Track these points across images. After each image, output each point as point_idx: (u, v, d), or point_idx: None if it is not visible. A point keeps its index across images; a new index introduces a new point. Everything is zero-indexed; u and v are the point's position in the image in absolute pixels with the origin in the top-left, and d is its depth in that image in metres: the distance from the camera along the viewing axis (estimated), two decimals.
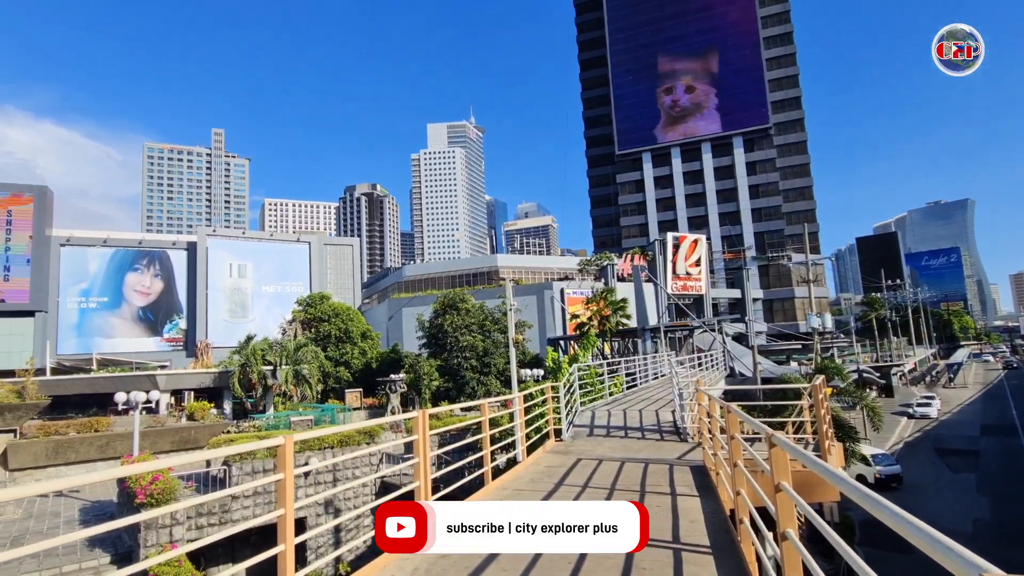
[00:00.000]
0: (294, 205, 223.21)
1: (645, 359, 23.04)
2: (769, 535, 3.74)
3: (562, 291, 54.84)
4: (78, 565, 14.58)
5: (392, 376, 33.81)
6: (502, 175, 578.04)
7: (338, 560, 15.34)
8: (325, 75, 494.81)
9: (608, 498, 6.82)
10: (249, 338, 33.68)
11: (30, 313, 53.84)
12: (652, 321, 39.43)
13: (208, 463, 17.34)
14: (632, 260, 55.33)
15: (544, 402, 11.60)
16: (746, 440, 5.25)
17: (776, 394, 18.00)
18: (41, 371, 33.70)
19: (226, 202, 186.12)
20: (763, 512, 4.05)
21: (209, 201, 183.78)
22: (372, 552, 15.08)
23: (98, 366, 42.12)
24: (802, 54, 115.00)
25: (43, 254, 55.62)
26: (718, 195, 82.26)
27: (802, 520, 8.94)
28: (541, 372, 33.73)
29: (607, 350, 34.74)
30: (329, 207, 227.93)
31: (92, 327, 58.13)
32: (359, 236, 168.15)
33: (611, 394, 17.50)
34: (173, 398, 32.94)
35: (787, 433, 10.62)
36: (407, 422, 24.29)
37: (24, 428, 23.85)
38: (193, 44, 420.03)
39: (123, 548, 15.20)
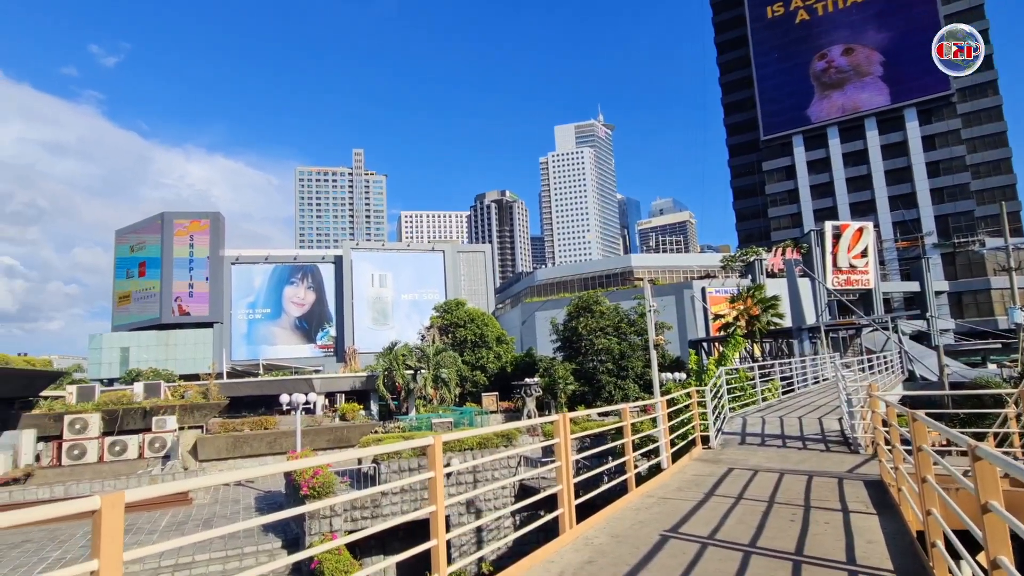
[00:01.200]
0: (428, 216, 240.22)
1: (803, 361, 21.00)
2: (971, 562, 3.33)
3: (703, 290, 52.06)
4: (256, 547, 17.06)
5: (527, 380, 34.75)
6: (633, 172, 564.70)
7: (481, 560, 16.08)
8: (452, 89, 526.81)
9: (767, 512, 6.34)
10: (393, 344, 36.85)
11: (209, 324, 64.49)
12: (809, 320, 35.87)
13: (360, 460, 19.26)
14: (783, 254, 50.99)
15: (689, 407, 11.15)
16: (936, 452, 4.62)
17: (970, 401, 15.41)
18: (220, 375, 40.12)
19: (367, 217, 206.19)
20: (961, 535, 3.59)
21: (352, 217, 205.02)
22: (514, 553, 15.59)
23: (264, 371, 49.07)
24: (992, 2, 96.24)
25: (218, 272, 66.34)
26: (887, 176, 72.32)
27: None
28: (683, 376, 32.24)
29: (757, 352, 32.26)
30: (461, 216, 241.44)
31: (258, 336, 67.92)
32: (490, 242, 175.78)
33: (764, 399, 16.28)
34: (327, 400, 37.17)
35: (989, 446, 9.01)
36: (544, 426, 24.76)
37: (209, 425, 28.63)
38: (332, 74, 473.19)
39: (291, 535, 17.47)
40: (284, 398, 25.79)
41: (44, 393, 28.11)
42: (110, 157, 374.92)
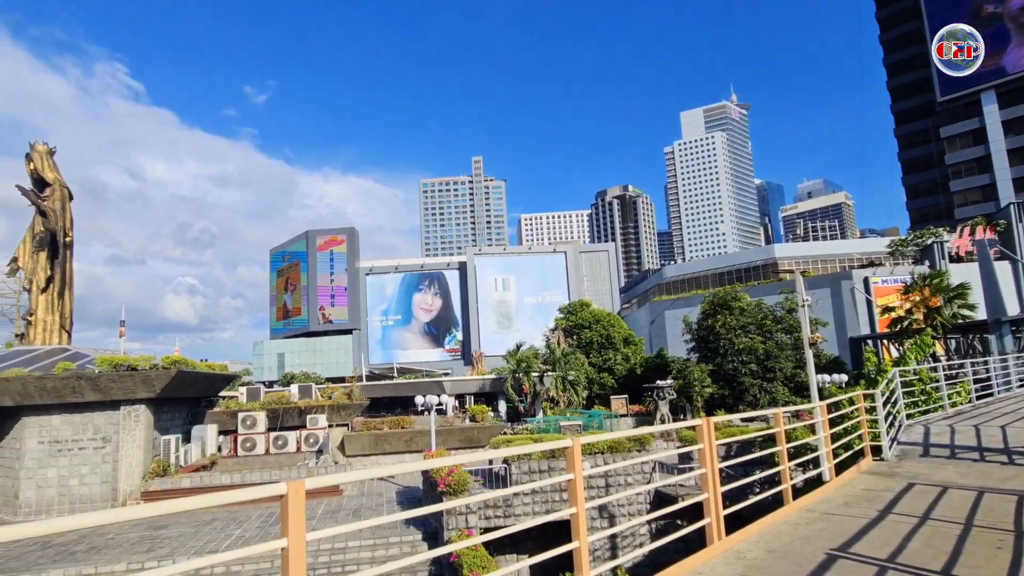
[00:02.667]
0: (548, 217, 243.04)
1: (1004, 360, 17.94)
2: None
3: (866, 280, 46.70)
4: (399, 538, 18.45)
5: (659, 382, 33.68)
6: (774, 154, 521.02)
7: (616, 569, 15.88)
8: (568, 88, 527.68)
9: (963, 536, 5.54)
10: (518, 347, 37.80)
11: (348, 331, 70.86)
12: (1011, 311, 30.55)
13: (491, 460, 20.00)
14: (972, 234, 44.01)
15: (854, 414, 10.11)
16: None
17: None
18: (360, 378, 43.85)
19: (487, 222, 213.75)
20: None
21: (473, 223, 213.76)
22: (651, 563, 15.18)
23: (398, 374, 52.82)
24: None
25: (355, 282, 72.68)
26: None
27: None
28: (844, 378, 29.24)
29: (939, 350, 28.14)
30: (581, 215, 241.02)
31: (391, 341, 73.27)
32: (613, 241, 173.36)
33: (953, 405, 14.18)
34: (457, 401, 39.06)
35: None
36: (680, 430, 23.83)
37: (353, 423, 31.48)
38: (450, 87, 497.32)
39: (430, 528, 18.64)
40: (418, 399, 27.58)
41: (222, 393, 32.87)
42: (263, 184, 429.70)
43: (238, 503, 20.53)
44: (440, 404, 28.68)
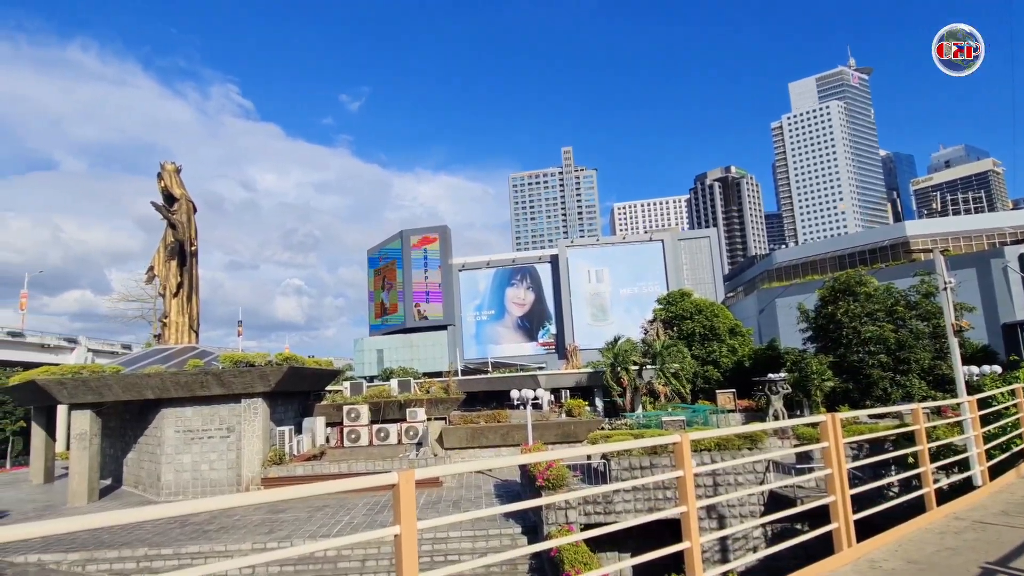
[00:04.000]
0: (643, 205, 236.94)
1: None
2: None
3: (1022, 257, 41.07)
4: (499, 531, 18.82)
5: (771, 375, 31.72)
6: (902, 122, 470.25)
7: (726, 574, 15.20)
8: (659, 67, 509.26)
9: None
10: (615, 339, 37.21)
11: (444, 327, 73.24)
12: None
13: (589, 456, 19.83)
14: None
15: (1013, 409, 8.89)
16: None
17: None
18: (456, 373, 45.15)
19: (579, 213, 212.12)
20: None
21: (564, 215, 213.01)
22: (765, 569, 14.33)
23: (492, 368, 53.85)
24: None
25: (448, 279, 74.95)
26: None
27: None
28: (998, 369, 26.04)
29: None
30: (679, 201, 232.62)
31: (485, 336, 74.86)
32: (715, 226, 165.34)
33: None
34: (552, 395, 39.16)
35: None
36: (798, 428, 22.31)
37: (451, 417, 32.51)
38: (537, 80, 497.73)
39: (530, 522, 18.84)
40: (514, 394, 27.94)
41: (328, 388, 35.24)
42: (360, 188, 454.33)
43: (346, 492, 21.98)
44: (536, 398, 28.89)
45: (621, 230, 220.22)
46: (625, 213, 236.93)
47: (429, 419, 30.36)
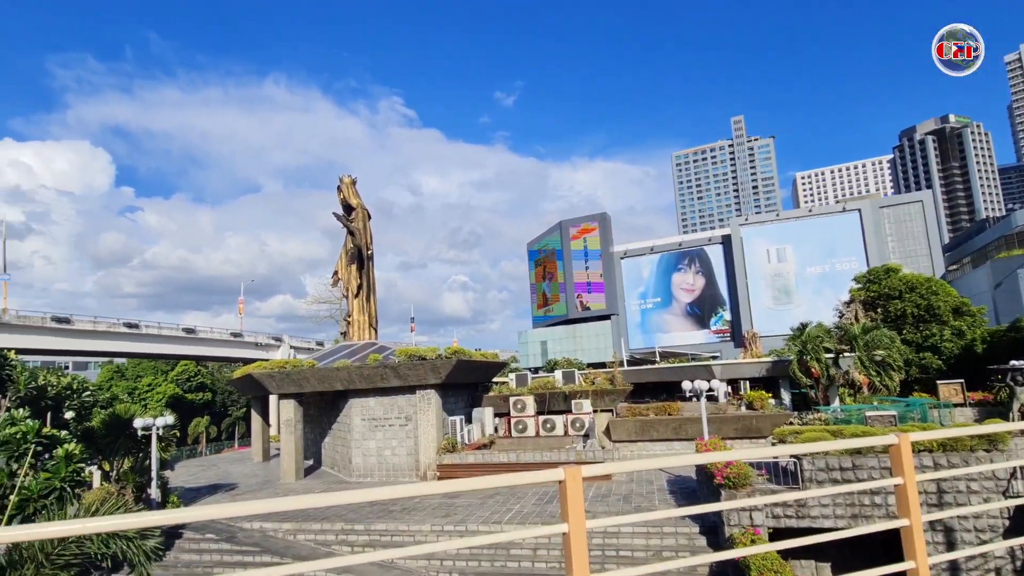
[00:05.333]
0: (831, 172, 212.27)
1: None
2: None
3: None
4: (674, 529, 18.22)
5: (1014, 363, 26.40)
6: None
7: None
8: (844, 11, 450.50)
9: None
10: (803, 325, 33.90)
11: (607, 317, 72.63)
12: None
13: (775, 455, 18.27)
14: None
15: None
16: None
17: None
18: (621, 363, 44.46)
19: (754, 187, 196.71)
20: None
21: (736, 191, 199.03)
22: None
23: (660, 358, 52.13)
24: None
25: (609, 267, 74.14)
26: None
27: None
28: None
29: None
30: (879, 163, 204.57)
31: (651, 324, 72.79)
32: (928, 188, 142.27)
33: None
34: (729, 387, 36.80)
35: None
36: None
37: (618, 408, 32.12)
38: (693, 48, 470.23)
39: (709, 521, 17.93)
40: (686, 385, 26.72)
41: (495, 379, 36.99)
42: (518, 183, 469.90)
43: (515, 485, 22.84)
44: (711, 390, 27.37)
45: (806, 202, 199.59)
46: (810, 183, 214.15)
47: (595, 411, 30.36)
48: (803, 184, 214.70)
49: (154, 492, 22.78)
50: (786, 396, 34.96)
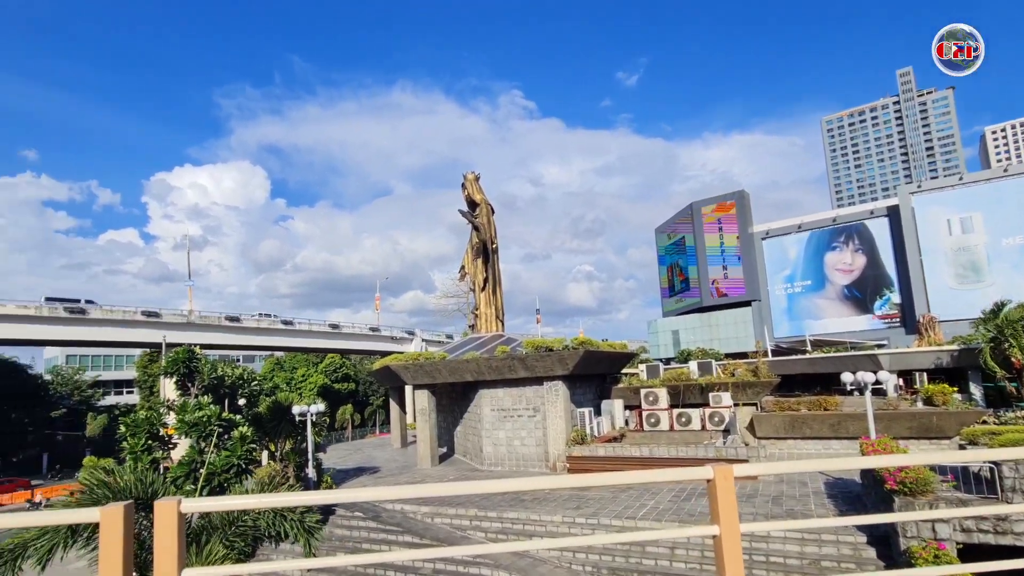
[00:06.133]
0: None
1: None
2: None
3: None
4: (835, 537, 16.56)
5: None
6: None
7: None
8: None
9: None
10: (999, 305, 29.28)
11: (747, 303, 67.98)
12: None
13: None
14: None
15: None
16: None
17: None
18: (765, 353, 41.42)
19: (927, 149, 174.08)
20: None
21: (904, 154, 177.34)
22: None
23: (811, 347, 47.74)
24: None
25: (749, 250, 69.27)
26: None
27: None
28: None
29: None
30: None
31: (800, 310, 66.95)
32: None
33: None
34: (901, 379, 32.83)
35: None
36: None
37: (763, 403, 29.91)
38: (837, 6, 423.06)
39: (879, 532, 16.10)
40: (846, 376, 24.18)
41: (624, 370, 36.23)
42: (643, 166, 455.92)
43: (653, 482, 22.14)
44: (878, 382, 24.53)
45: (1000, 160, 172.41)
46: (1005, 137, 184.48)
47: (736, 404, 28.59)
48: (994, 139, 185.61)
49: (311, 472, 25.25)
50: (976, 390, 30.51)
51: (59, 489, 45.29)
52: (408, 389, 42.11)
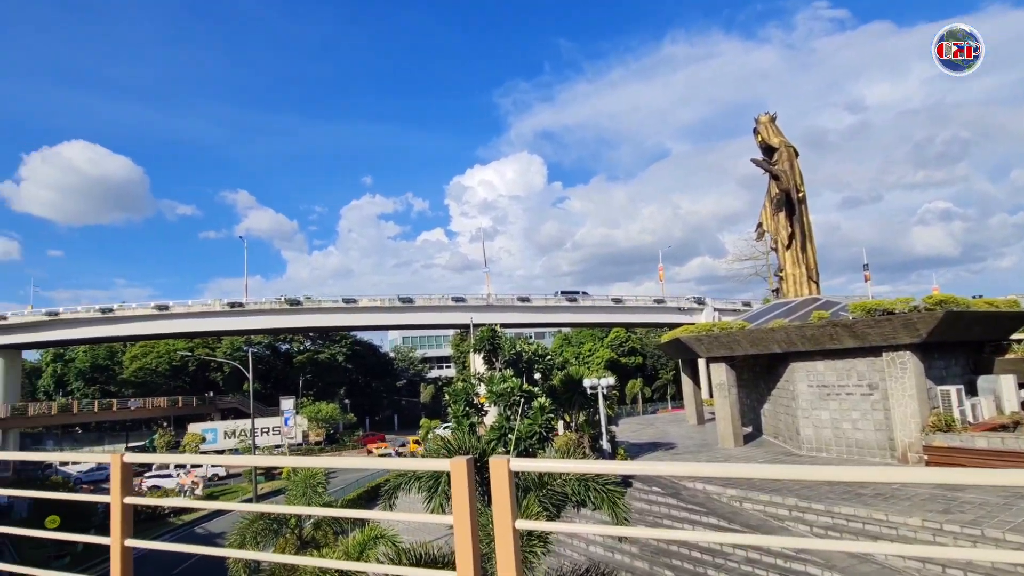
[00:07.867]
0: None
1: None
2: None
3: None
4: None
5: None
6: None
7: None
8: None
9: None
10: None
11: None
12: None
13: None
14: None
15: None
16: None
17: None
18: None
19: None
20: None
21: None
22: None
23: None
24: None
25: None
26: None
27: None
28: None
29: None
30: None
31: None
32: None
33: None
34: None
35: None
36: None
37: None
38: None
39: None
40: None
41: (1013, 337, 27.81)
42: None
43: None
44: None
45: None
46: None
47: None
48: None
49: (605, 443, 25.40)
50: None
51: (410, 441, 62.87)
52: (701, 363, 39.81)
